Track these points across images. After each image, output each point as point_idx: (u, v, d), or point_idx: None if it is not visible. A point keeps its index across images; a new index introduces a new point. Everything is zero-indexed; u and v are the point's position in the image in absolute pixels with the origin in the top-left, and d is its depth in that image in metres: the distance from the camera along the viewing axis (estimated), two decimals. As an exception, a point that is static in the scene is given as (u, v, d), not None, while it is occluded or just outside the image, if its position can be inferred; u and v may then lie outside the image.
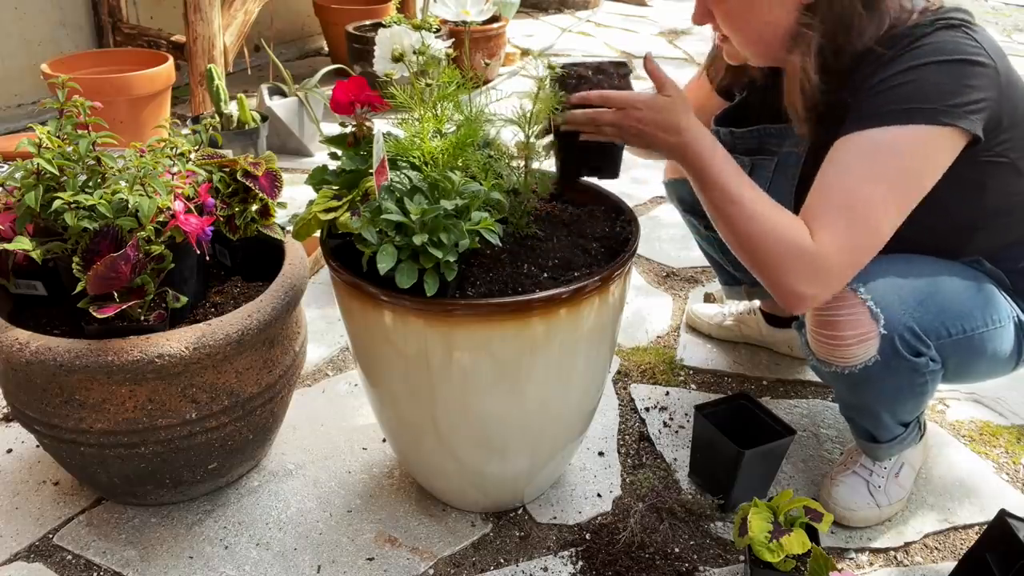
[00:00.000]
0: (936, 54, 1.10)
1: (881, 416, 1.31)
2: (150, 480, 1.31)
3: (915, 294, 1.19)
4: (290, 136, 2.79)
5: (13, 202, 1.22)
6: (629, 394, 1.73)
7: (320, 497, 1.44)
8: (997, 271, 1.28)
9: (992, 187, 1.21)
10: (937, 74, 1.09)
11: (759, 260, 1.13)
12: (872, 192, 1.09)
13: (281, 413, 1.47)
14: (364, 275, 1.12)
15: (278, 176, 1.42)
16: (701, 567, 1.32)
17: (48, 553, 1.33)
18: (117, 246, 1.17)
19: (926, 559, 1.36)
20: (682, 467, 1.53)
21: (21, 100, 3.06)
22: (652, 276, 2.19)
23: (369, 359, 1.25)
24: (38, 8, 3.04)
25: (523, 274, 1.18)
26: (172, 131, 1.37)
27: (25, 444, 1.54)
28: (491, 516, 1.41)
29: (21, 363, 1.17)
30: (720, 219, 1.16)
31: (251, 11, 2.94)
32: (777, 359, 1.84)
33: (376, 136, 1.14)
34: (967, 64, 1.10)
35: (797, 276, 1.11)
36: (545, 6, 5.13)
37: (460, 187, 1.13)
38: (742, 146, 1.38)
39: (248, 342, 1.25)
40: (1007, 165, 1.19)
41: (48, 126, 1.27)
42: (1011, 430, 1.65)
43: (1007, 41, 4.61)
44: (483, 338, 1.12)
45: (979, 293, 1.24)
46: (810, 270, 1.10)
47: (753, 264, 1.15)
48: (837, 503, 1.39)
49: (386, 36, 1.22)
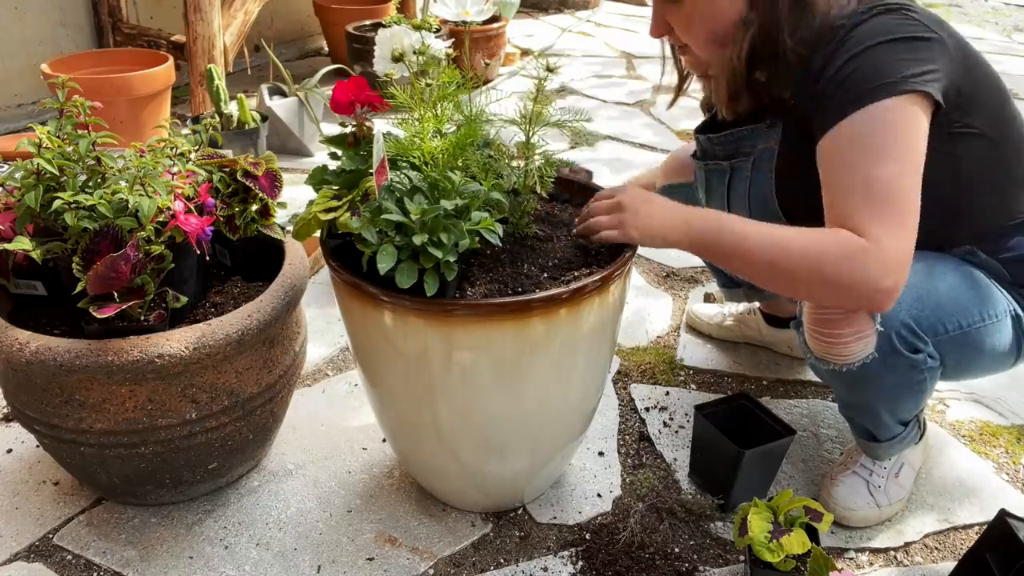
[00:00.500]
0: (877, 36, 1.13)
1: (880, 414, 1.31)
2: (150, 480, 1.31)
3: (911, 291, 1.19)
4: (290, 136, 2.79)
5: (13, 202, 1.22)
6: (629, 394, 1.73)
7: (320, 497, 1.44)
8: (993, 262, 1.28)
9: (967, 158, 1.21)
10: (884, 53, 1.12)
11: (830, 287, 1.11)
12: (887, 171, 1.10)
13: (281, 413, 1.47)
14: (364, 275, 1.13)
15: (278, 176, 1.42)
16: (701, 567, 1.32)
17: (48, 553, 1.33)
18: (117, 246, 1.17)
19: (926, 559, 1.36)
20: (682, 467, 1.53)
21: (21, 100, 3.06)
22: (652, 276, 2.19)
23: (369, 359, 1.25)
24: (38, 8, 3.04)
25: (523, 274, 1.18)
26: (172, 131, 1.37)
27: (25, 444, 1.54)
28: (491, 516, 1.41)
29: (21, 363, 1.17)
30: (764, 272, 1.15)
31: (251, 11, 2.94)
32: (777, 359, 1.84)
33: (376, 136, 1.14)
34: (911, 40, 1.13)
35: (875, 275, 1.08)
36: (545, 6, 5.13)
37: (460, 187, 1.13)
38: (720, 151, 1.41)
39: (248, 342, 1.25)
40: (977, 135, 1.20)
41: (48, 126, 1.26)
42: (1011, 430, 1.65)
43: (1007, 41, 4.61)
44: (483, 338, 1.12)
45: (975, 288, 1.25)
46: (881, 263, 1.08)
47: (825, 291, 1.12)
48: (837, 503, 1.39)
49: (386, 36, 1.22)
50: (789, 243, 1.12)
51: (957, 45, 1.18)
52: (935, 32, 1.15)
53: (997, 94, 1.23)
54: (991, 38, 4.67)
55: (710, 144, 1.42)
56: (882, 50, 1.12)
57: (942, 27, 1.17)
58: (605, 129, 3.19)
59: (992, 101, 1.22)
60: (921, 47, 1.13)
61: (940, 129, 1.17)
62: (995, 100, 1.23)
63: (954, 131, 1.18)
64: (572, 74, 3.85)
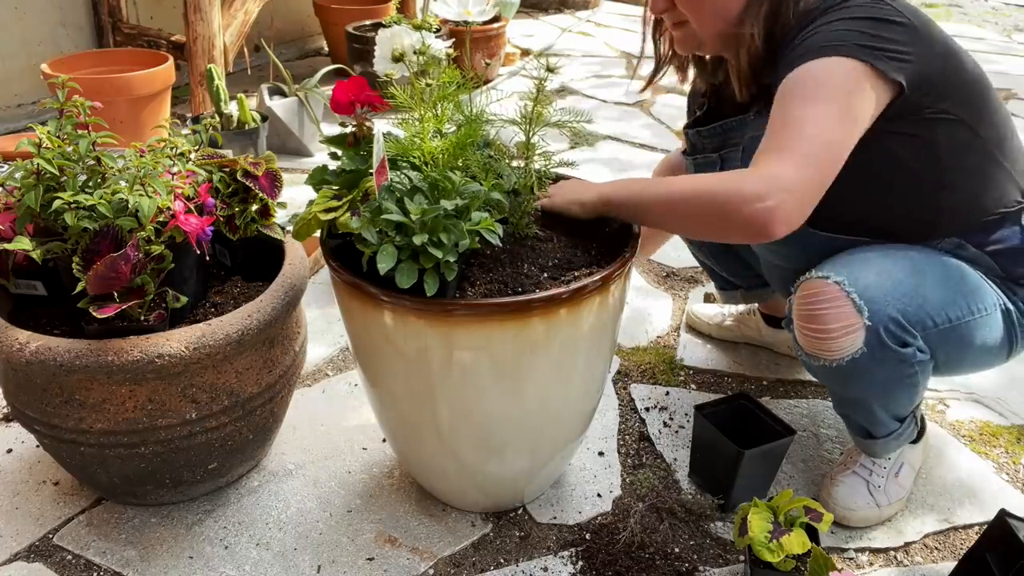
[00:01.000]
0: (848, 14, 1.16)
1: (874, 410, 1.31)
2: (150, 480, 1.31)
3: (899, 285, 1.19)
4: (290, 136, 2.79)
5: (13, 202, 1.22)
6: (629, 394, 1.73)
7: (320, 497, 1.44)
8: (983, 256, 1.28)
9: (946, 144, 1.22)
10: (848, 26, 1.15)
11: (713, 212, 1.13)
12: (803, 113, 1.12)
13: (281, 413, 1.47)
14: (364, 275, 1.13)
15: (278, 176, 1.42)
16: (701, 567, 1.32)
17: (48, 553, 1.33)
18: (117, 246, 1.17)
19: (926, 559, 1.36)
20: (682, 467, 1.53)
21: (21, 100, 3.06)
22: (652, 276, 2.19)
23: (369, 359, 1.25)
24: (38, 8, 3.04)
25: (523, 274, 1.18)
26: (172, 131, 1.37)
27: (25, 444, 1.54)
28: (491, 516, 1.41)
29: (21, 363, 1.17)
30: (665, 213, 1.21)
31: (251, 11, 2.94)
32: (777, 359, 1.84)
33: (376, 136, 1.14)
34: (879, 21, 1.15)
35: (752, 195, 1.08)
36: (545, 6, 5.13)
37: (460, 187, 1.13)
38: (710, 144, 1.43)
39: (248, 342, 1.25)
40: (955, 121, 1.21)
41: (48, 126, 1.26)
42: (1011, 430, 1.65)
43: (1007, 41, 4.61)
44: (483, 338, 1.12)
45: (963, 282, 1.25)
46: (759, 183, 1.09)
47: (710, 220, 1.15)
48: (837, 503, 1.39)
49: (386, 36, 1.22)
50: (685, 179, 1.22)
51: (930, 33, 1.19)
52: (907, 18, 1.16)
53: (976, 83, 1.24)
54: (991, 38, 4.67)
55: (699, 138, 1.44)
56: (844, 24, 1.15)
57: (916, 15, 1.19)
58: (605, 129, 3.19)
59: (970, 89, 1.23)
60: (885, 28, 1.15)
61: (913, 113, 1.18)
62: (973, 88, 1.24)
63: (928, 116, 1.20)
64: (572, 74, 3.84)
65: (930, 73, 1.17)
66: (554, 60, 1.19)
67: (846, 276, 1.19)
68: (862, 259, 1.22)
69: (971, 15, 5.32)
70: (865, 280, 1.19)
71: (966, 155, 1.24)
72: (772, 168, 1.10)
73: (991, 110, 1.26)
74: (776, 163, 1.10)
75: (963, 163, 1.24)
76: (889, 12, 1.16)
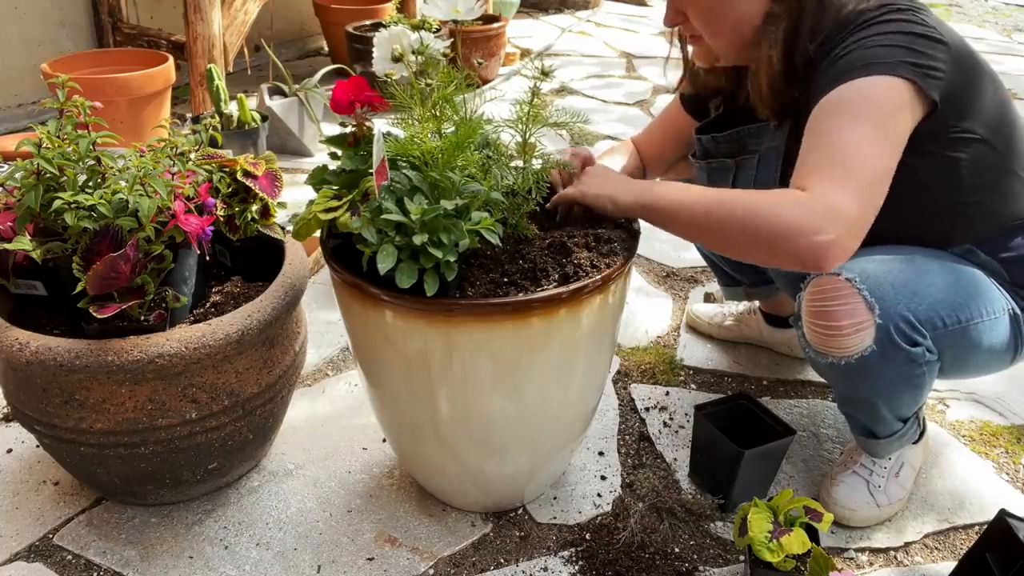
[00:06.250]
0: (885, 29, 1.15)
1: (879, 409, 1.31)
2: (150, 480, 1.31)
3: (910, 284, 1.20)
4: (290, 136, 2.79)
5: (13, 202, 1.22)
6: (629, 394, 1.73)
7: (320, 497, 1.44)
8: (992, 262, 1.29)
9: (967, 161, 1.22)
10: (888, 41, 1.14)
11: (762, 236, 1.08)
12: (853, 135, 1.09)
13: (281, 413, 1.47)
14: (364, 275, 1.12)
15: (278, 176, 1.42)
16: (701, 567, 1.32)
17: (48, 553, 1.33)
18: (117, 246, 1.17)
19: (926, 559, 1.36)
20: (682, 467, 1.53)
21: (21, 100, 3.06)
22: (652, 276, 2.19)
23: (369, 359, 1.25)
24: (38, 8, 3.04)
25: (523, 274, 1.18)
26: (172, 131, 1.37)
27: (25, 444, 1.54)
28: (491, 516, 1.41)
29: (21, 363, 1.17)
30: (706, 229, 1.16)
31: (251, 11, 2.94)
32: (777, 359, 1.84)
33: (376, 136, 1.14)
34: (917, 36, 1.14)
35: (806, 222, 1.04)
36: (545, 6, 5.13)
37: (460, 187, 1.13)
38: (725, 150, 1.41)
39: (248, 342, 1.25)
40: (977, 140, 1.21)
41: (48, 126, 1.26)
42: (1011, 430, 1.65)
43: (1007, 41, 4.61)
44: (483, 338, 1.12)
45: (973, 284, 1.25)
46: (813, 211, 1.05)
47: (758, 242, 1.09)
48: (837, 503, 1.39)
49: (385, 36, 1.22)
50: (729, 194, 1.14)
51: (960, 51, 1.18)
52: (940, 34, 1.15)
53: (998, 100, 1.24)
54: (991, 38, 4.67)
55: (714, 143, 1.43)
56: (883, 40, 1.14)
57: (948, 31, 1.18)
58: (604, 129, 3.19)
59: (993, 108, 1.23)
60: (924, 45, 1.13)
61: (939, 133, 1.17)
62: (996, 107, 1.23)
63: (953, 136, 1.19)
64: (572, 74, 3.84)
65: (960, 92, 1.17)
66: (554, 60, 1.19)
67: (857, 273, 1.18)
68: (874, 258, 1.21)
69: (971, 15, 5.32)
70: (877, 278, 1.18)
71: (986, 172, 1.24)
72: (831, 197, 1.05)
73: (1011, 125, 1.26)
74: (834, 191, 1.06)
75: (982, 180, 1.24)
76: (926, 28, 1.15)
